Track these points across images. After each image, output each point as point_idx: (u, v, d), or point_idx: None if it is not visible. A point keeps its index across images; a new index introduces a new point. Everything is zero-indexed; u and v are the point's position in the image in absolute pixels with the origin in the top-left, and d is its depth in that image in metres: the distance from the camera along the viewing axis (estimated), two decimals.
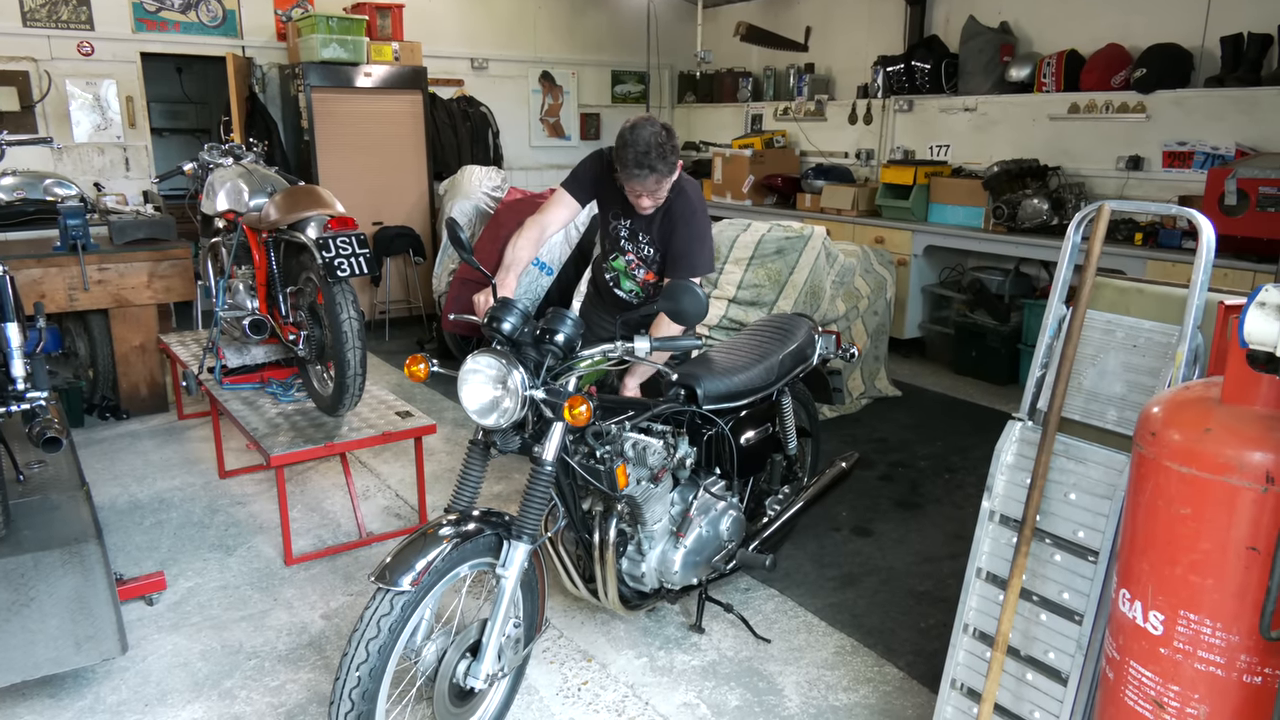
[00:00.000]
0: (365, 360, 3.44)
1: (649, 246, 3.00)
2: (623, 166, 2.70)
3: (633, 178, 2.71)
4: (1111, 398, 2.08)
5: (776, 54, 8.07)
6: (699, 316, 2.31)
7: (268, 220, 3.56)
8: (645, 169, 2.68)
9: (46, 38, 6.39)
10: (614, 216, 3.00)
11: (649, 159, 2.67)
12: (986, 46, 6.30)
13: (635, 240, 3.00)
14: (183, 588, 3.27)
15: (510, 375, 2.13)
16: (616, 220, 3.01)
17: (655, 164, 2.68)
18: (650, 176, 2.70)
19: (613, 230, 3.03)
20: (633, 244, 3.01)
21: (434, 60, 7.64)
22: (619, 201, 2.95)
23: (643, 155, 2.66)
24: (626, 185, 2.75)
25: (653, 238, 2.98)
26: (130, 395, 5.15)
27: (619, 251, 3.06)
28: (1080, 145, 5.86)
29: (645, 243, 3.00)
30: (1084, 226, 2.20)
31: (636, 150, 2.66)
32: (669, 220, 2.93)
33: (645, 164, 2.67)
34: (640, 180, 2.70)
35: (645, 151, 2.66)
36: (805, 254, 4.51)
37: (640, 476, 2.53)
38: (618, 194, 2.93)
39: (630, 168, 2.68)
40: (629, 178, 2.72)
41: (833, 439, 4.70)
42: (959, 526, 3.81)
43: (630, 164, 2.67)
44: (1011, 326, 5.76)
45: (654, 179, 2.70)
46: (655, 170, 2.70)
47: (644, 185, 2.72)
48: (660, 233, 2.95)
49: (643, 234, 2.98)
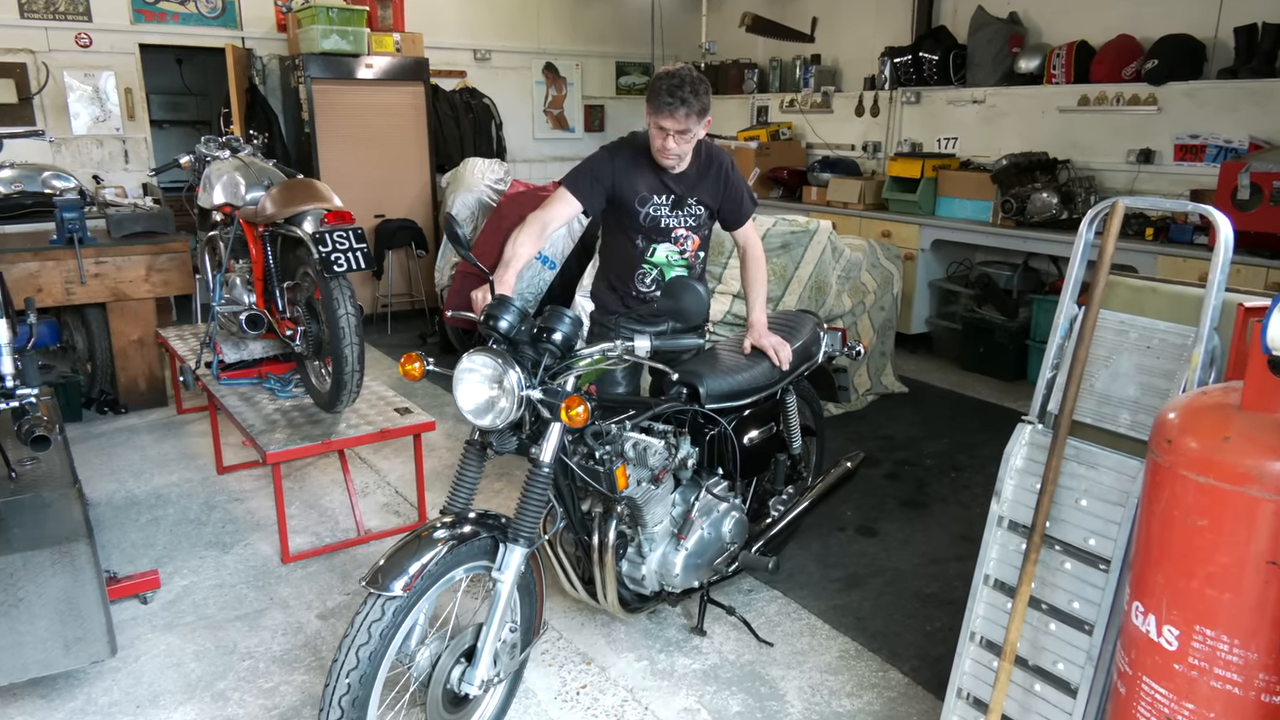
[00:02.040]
0: (363, 356, 3.39)
1: (698, 205, 2.87)
2: (655, 100, 2.59)
3: (664, 108, 2.57)
4: (1125, 401, 2.01)
5: (782, 45, 7.98)
6: (700, 315, 2.25)
7: (264, 214, 3.51)
8: (677, 100, 2.56)
9: (44, 29, 6.34)
10: (644, 201, 2.81)
11: (683, 90, 2.55)
12: (995, 37, 6.21)
13: (681, 208, 2.85)
14: (178, 586, 3.23)
15: (506, 375, 2.08)
16: (649, 202, 2.82)
17: (688, 97, 2.55)
18: (681, 109, 2.57)
19: (649, 214, 2.83)
20: (678, 214, 2.86)
21: (436, 51, 7.57)
22: (647, 181, 2.80)
23: (676, 86, 2.55)
24: (656, 125, 2.62)
25: (701, 195, 2.86)
26: (128, 390, 5.12)
27: (657, 240, 2.88)
28: (1090, 138, 5.77)
29: (694, 203, 2.86)
30: (1097, 223, 2.13)
31: (670, 83, 2.57)
32: (712, 167, 2.85)
33: (679, 95, 2.56)
34: (672, 112, 2.57)
35: (679, 84, 2.56)
36: (811, 248, 4.45)
37: (641, 478, 2.48)
38: (644, 174, 2.79)
39: (663, 96, 2.56)
40: (660, 110, 2.58)
41: (838, 436, 4.64)
42: (965, 527, 3.75)
43: (663, 93, 2.57)
44: (1020, 322, 5.69)
45: (684, 112, 2.57)
46: (687, 103, 2.57)
47: (674, 118, 2.58)
48: (712, 183, 2.86)
49: (689, 196, 2.84)
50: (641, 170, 2.81)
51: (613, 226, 2.95)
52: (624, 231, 2.90)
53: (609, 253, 3.03)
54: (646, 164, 2.81)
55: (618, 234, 2.93)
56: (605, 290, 3.06)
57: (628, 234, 2.89)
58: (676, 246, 2.92)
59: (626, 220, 2.86)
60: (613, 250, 3.00)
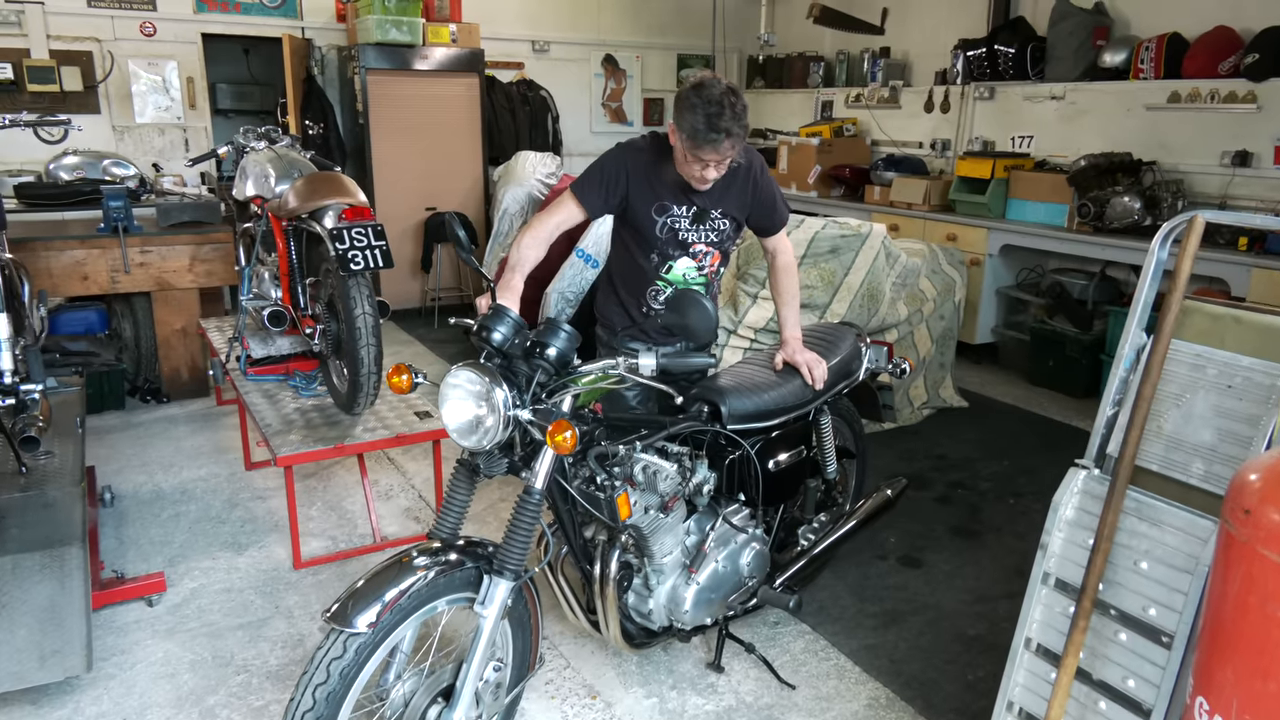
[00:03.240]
0: (380, 358, 3.27)
1: (722, 220, 2.63)
2: (692, 134, 2.30)
3: (706, 143, 2.29)
4: (1198, 447, 1.73)
5: (850, 37, 7.64)
6: (709, 334, 2.04)
7: (286, 208, 3.41)
8: (721, 133, 2.27)
9: (110, 18, 6.42)
10: (662, 210, 2.56)
11: (723, 121, 2.25)
12: (1078, 29, 5.79)
13: (702, 222, 2.60)
14: (186, 589, 3.15)
15: (493, 393, 1.90)
16: (668, 211, 2.57)
17: (732, 126, 2.27)
18: (725, 141, 2.29)
19: (667, 225, 2.58)
20: (698, 229, 2.61)
21: (493, 42, 7.46)
22: (667, 189, 2.55)
23: (716, 118, 2.25)
24: (693, 155, 2.34)
25: (726, 208, 2.61)
26: (171, 379, 5.13)
27: (674, 255, 2.63)
28: (1180, 138, 5.32)
29: (718, 216, 2.61)
30: (1172, 239, 1.85)
31: (709, 112, 2.26)
32: (740, 173, 2.57)
33: (721, 127, 2.27)
34: (715, 146, 2.30)
35: (719, 113, 2.25)
36: (862, 254, 4.17)
37: (648, 504, 2.28)
38: (663, 181, 2.54)
39: (705, 132, 2.27)
40: (701, 145, 2.30)
41: (887, 454, 4.36)
42: (1020, 561, 3.44)
43: (703, 128, 2.27)
44: (1094, 335, 5.29)
45: (729, 143, 2.30)
46: (732, 135, 2.29)
47: (719, 152, 2.32)
48: (739, 192, 2.60)
49: (714, 209, 2.60)
50: (661, 176, 2.56)
51: (624, 237, 2.72)
52: (637, 244, 2.66)
53: (619, 266, 2.79)
54: (666, 170, 2.55)
55: (630, 246, 2.70)
56: (613, 306, 2.81)
57: (641, 247, 2.65)
58: (695, 262, 2.67)
59: (641, 231, 2.62)
60: (623, 264, 2.75)
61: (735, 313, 4.10)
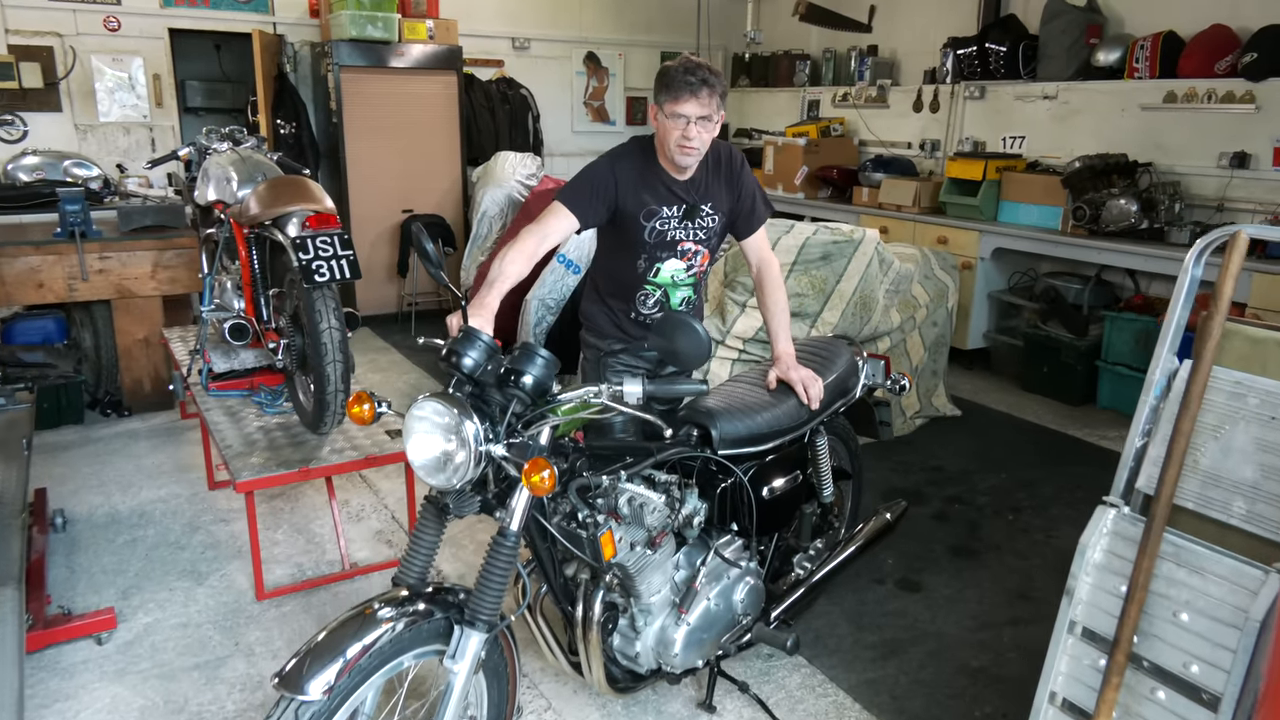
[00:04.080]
0: (348, 375, 3.07)
1: (712, 213, 2.54)
2: (669, 85, 2.31)
3: (684, 89, 2.29)
4: (1238, 484, 1.58)
5: (837, 35, 7.48)
6: (700, 360, 1.87)
7: (248, 214, 3.21)
8: (697, 80, 2.29)
9: (72, 11, 6.16)
10: (651, 214, 2.46)
11: (699, 72, 2.30)
12: (1071, 27, 5.65)
13: (692, 218, 2.51)
14: (139, 624, 2.95)
15: (462, 426, 1.72)
16: (656, 215, 2.47)
17: (708, 76, 2.30)
18: (703, 89, 2.30)
19: (656, 229, 2.48)
20: (688, 226, 2.51)
21: (472, 39, 7.25)
22: (655, 192, 2.45)
23: (692, 70, 2.30)
24: (674, 112, 2.32)
25: (715, 201, 2.53)
26: (133, 391, 4.90)
27: (662, 257, 2.53)
28: (1176, 139, 5.20)
29: (708, 211, 2.53)
30: (1207, 255, 1.69)
31: (685, 65, 2.32)
32: (723, 167, 2.55)
33: (697, 75, 2.29)
34: (694, 93, 2.29)
35: (694, 66, 2.31)
36: (855, 260, 4.01)
37: (635, 540, 2.10)
38: (650, 184, 2.45)
39: (682, 76, 2.29)
40: (679, 93, 2.30)
41: (880, 467, 4.21)
42: (1023, 582, 3.30)
43: (679, 75, 2.29)
44: (1090, 341, 5.16)
45: (707, 92, 2.30)
46: (709, 84, 2.30)
47: (698, 99, 2.30)
48: (725, 185, 2.55)
49: (703, 203, 2.51)
50: (647, 179, 2.45)
51: (611, 243, 2.58)
52: (625, 249, 2.53)
53: (605, 271, 2.66)
54: (652, 172, 2.46)
55: (617, 251, 2.56)
56: (599, 311, 2.69)
57: (629, 251, 2.52)
58: (683, 262, 2.56)
59: (629, 236, 2.49)
60: (610, 269, 2.63)
61: (723, 322, 3.93)
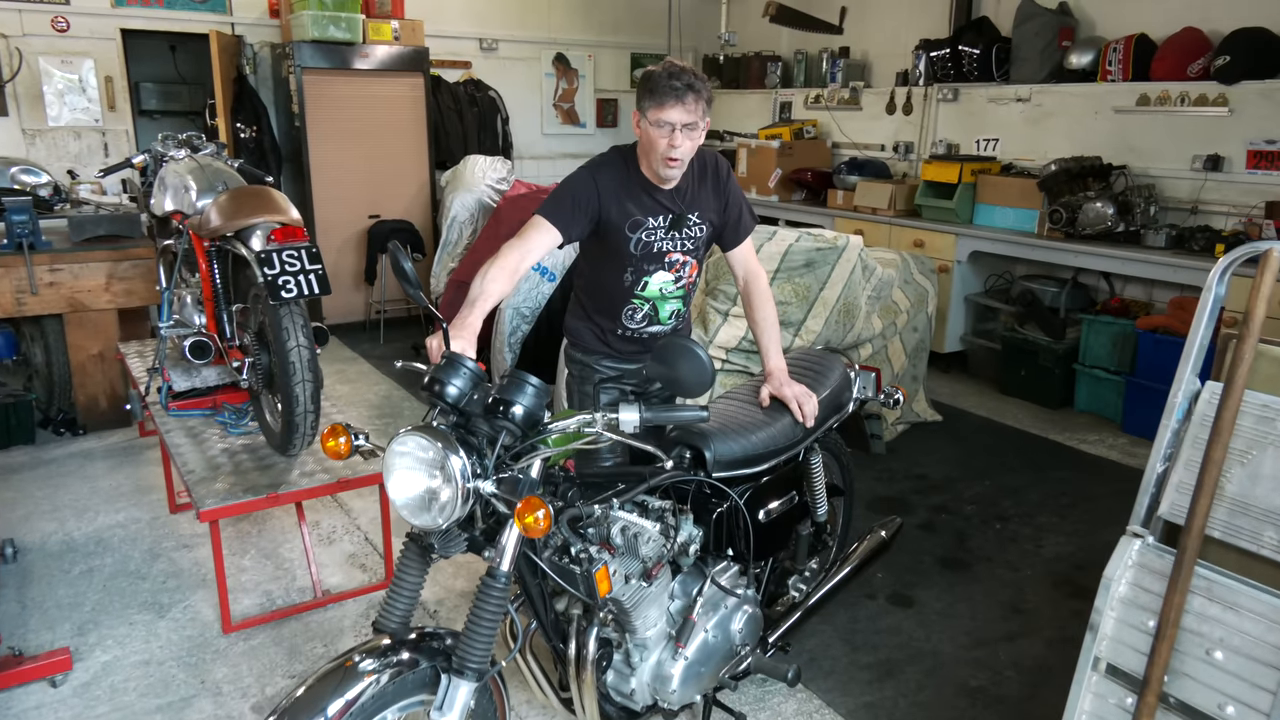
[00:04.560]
0: (318, 394, 2.93)
1: (699, 223, 2.44)
2: (654, 90, 2.21)
3: (670, 95, 2.19)
4: (1268, 513, 1.51)
5: (808, 36, 7.43)
6: (703, 386, 1.77)
7: (208, 226, 3.05)
8: (683, 84, 2.19)
9: (17, 11, 5.90)
10: (636, 225, 2.36)
11: (684, 76, 2.20)
12: (1044, 30, 5.65)
13: (679, 228, 2.41)
14: (97, 663, 2.77)
15: (448, 462, 1.60)
16: (642, 226, 2.37)
17: (693, 81, 2.20)
18: (689, 95, 2.20)
19: (642, 240, 2.38)
20: (675, 236, 2.42)
21: (438, 40, 7.09)
22: (639, 202, 2.36)
23: (677, 74, 2.20)
24: (659, 119, 2.22)
25: (702, 210, 2.43)
26: (88, 408, 4.68)
27: (650, 270, 2.43)
28: (1149, 142, 5.21)
29: (695, 220, 2.43)
30: (1231, 272, 1.62)
31: (669, 70, 2.21)
32: (708, 175, 2.46)
33: (683, 80, 2.19)
34: (679, 98, 2.19)
35: (679, 70, 2.21)
36: (839, 267, 3.94)
37: (629, 572, 1.99)
38: (634, 194, 2.35)
39: (666, 81, 2.19)
40: (664, 98, 2.19)
41: (864, 476, 4.14)
42: (1015, 595, 3.24)
43: (664, 80, 2.19)
44: (1067, 344, 5.15)
45: (693, 98, 2.20)
46: (695, 89, 2.20)
47: (683, 106, 2.20)
48: (711, 193, 2.45)
49: (690, 213, 2.41)
50: (631, 189, 2.35)
51: (596, 257, 2.47)
52: (610, 262, 2.42)
53: (590, 285, 2.55)
54: (636, 182, 2.35)
55: (601, 265, 2.45)
56: (584, 326, 2.59)
57: (614, 264, 2.42)
58: (672, 274, 2.46)
59: (614, 249, 2.38)
60: (595, 283, 2.52)
61: (705, 332, 3.83)
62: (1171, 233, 4.82)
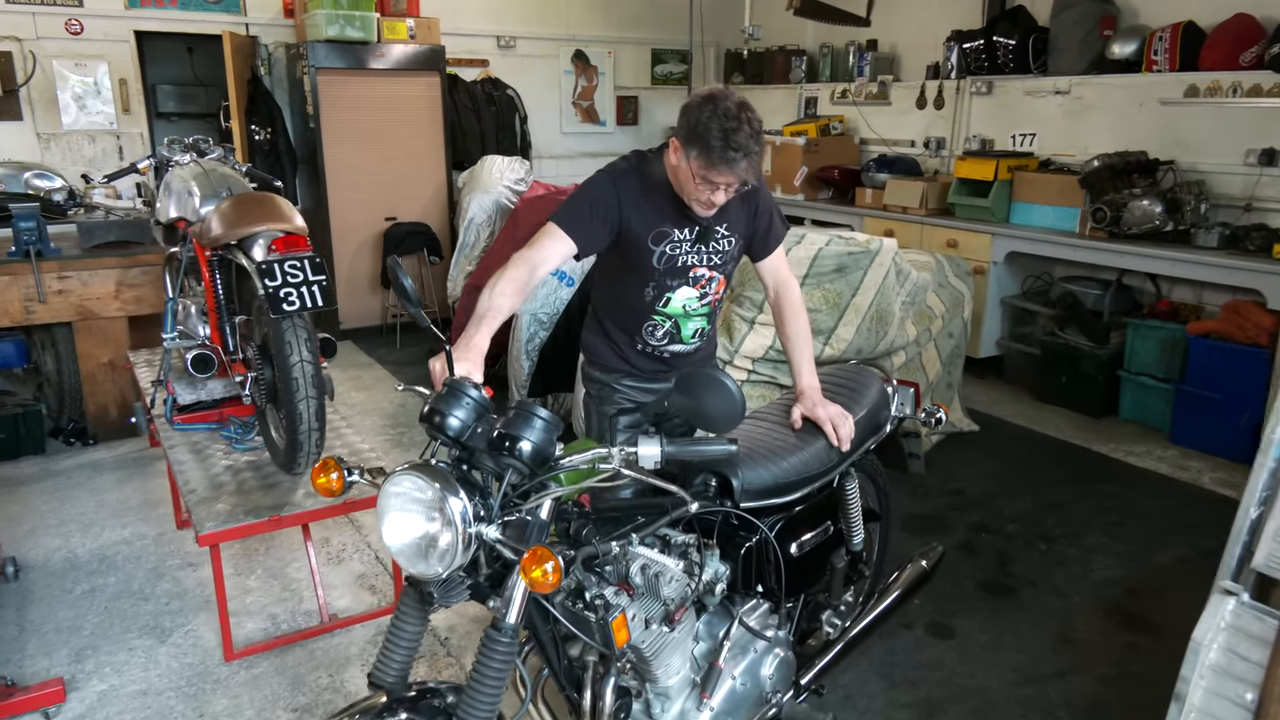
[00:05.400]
0: (323, 412, 2.78)
1: (727, 237, 2.27)
2: (705, 152, 1.97)
3: (721, 163, 1.97)
4: None
5: (834, 29, 7.21)
6: (732, 421, 1.59)
7: (209, 235, 2.91)
8: (739, 151, 1.96)
9: (31, 14, 5.83)
10: (660, 237, 2.19)
11: (740, 137, 1.94)
12: (1083, 18, 5.39)
13: (706, 241, 2.24)
14: (92, 693, 2.65)
15: (447, 504, 1.43)
16: (667, 238, 2.20)
17: (750, 144, 1.97)
18: (743, 161, 1.98)
19: (666, 253, 2.21)
20: (701, 250, 2.25)
21: (455, 38, 6.95)
22: (664, 212, 2.18)
23: (734, 133, 1.93)
24: (708, 175, 2.02)
25: (731, 221, 2.25)
26: (98, 418, 4.59)
27: (673, 285, 2.26)
28: (1199, 135, 4.95)
29: (723, 232, 2.25)
30: None
31: (725, 127, 1.94)
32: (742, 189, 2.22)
33: (738, 144, 1.95)
34: (731, 167, 1.98)
35: (735, 128, 1.94)
36: (871, 272, 3.74)
37: (650, 616, 1.82)
38: (657, 204, 2.17)
39: (720, 149, 1.95)
40: (715, 164, 1.98)
41: (899, 491, 3.89)
42: (1064, 625, 3.03)
43: (719, 146, 1.95)
44: (1111, 350, 4.91)
45: (746, 164, 1.99)
46: (750, 154, 1.98)
47: (734, 173, 2.00)
48: (740, 202, 2.24)
49: (717, 224, 2.23)
50: (654, 199, 2.16)
51: (614, 269, 2.29)
52: (630, 276, 2.25)
53: (607, 300, 2.38)
54: (660, 191, 2.17)
55: (621, 279, 2.28)
56: (601, 342, 2.41)
57: (635, 279, 2.24)
58: (696, 290, 2.28)
59: (636, 262, 2.20)
60: (613, 298, 2.35)
61: (730, 341, 3.65)
62: (1224, 232, 4.56)
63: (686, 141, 2.00)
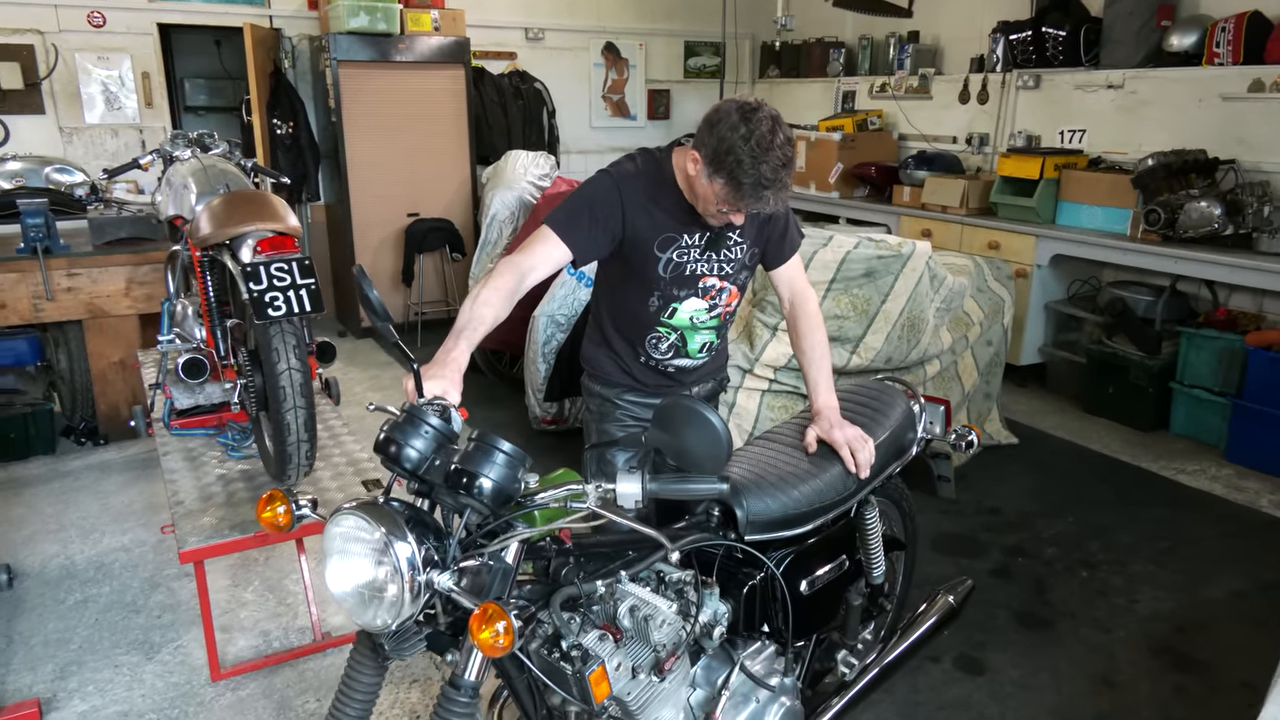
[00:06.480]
0: (312, 422, 2.64)
1: (740, 245, 2.08)
2: (734, 184, 1.79)
3: (749, 195, 1.79)
4: None
5: (874, 20, 6.94)
6: (715, 462, 1.40)
7: (199, 234, 2.78)
8: (775, 185, 1.78)
9: (53, 7, 5.79)
10: (667, 243, 2.02)
11: (772, 170, 1.76)
12: (1139, 8, 5.07)
13: (717, 249, 2.06)
14: (73, 714, 2.54)
15: (393, 549, 1.27)
16: (674, 244, 2.02)
17: (783, 176, 1.79)
18: (773, 197, 1.80)
19: (673, 261, 2.04)
20: (711, 258, 2.07)
21: (481, 30, 6.81)
22: (672, 217, 2.00)
23: (765, 163, 1.75)
24: (737, 204, 1.84)
25: (743, 227, 2.04)
26: (109, 417, 4.52)
27: (680, 295, 2.09)
28: (1264, 133, 4.62)
29: (735, 239, 2.07)
30: None
31: (758, 159, 1.74)
32: None
33: (771, 180, 1.77)
34: (760, 201, 1.81)
35: (767, 159, 1.75)
36: (903, 278, 3.51)
37: (639, 663, 1.64)
38: (665, 208, 2.00)
39: (751, 187, 1.77)
40: (744, 198, 1.81)
41: (929, 509, 3.70)
42: (1105, 663, 2.79)
43: (750, 183, 1.76)
44: (1162, 360, 4.61)
45: (772, 199, 1.81)
46: (782, 186, 1.80)
47: (760, 204, 1.82)
48: (758, 216, 2.04)
49: (729, 230, 2.04)
50: (662, 202, 1.98)
51: (616, 277, 2.12)
52: (634, 284, 2.07)
53: (609, 308, 2.21)
54: (666, 194, 1.98)
55: (623, 287, 2.10)
56: (602, 354, 2.24)
57: (639, 288, 2.07)
58: (705, 301, 2.09)
59: (639, 270, 2.03)
60: (615, 306, 2.18)
61: (751, 349, 3.45)
62: None
63: (712, 165, 1.80)
